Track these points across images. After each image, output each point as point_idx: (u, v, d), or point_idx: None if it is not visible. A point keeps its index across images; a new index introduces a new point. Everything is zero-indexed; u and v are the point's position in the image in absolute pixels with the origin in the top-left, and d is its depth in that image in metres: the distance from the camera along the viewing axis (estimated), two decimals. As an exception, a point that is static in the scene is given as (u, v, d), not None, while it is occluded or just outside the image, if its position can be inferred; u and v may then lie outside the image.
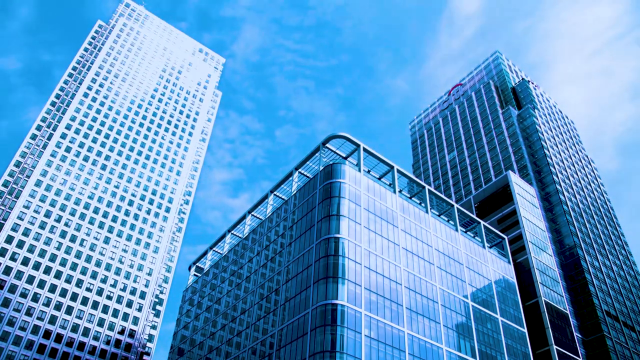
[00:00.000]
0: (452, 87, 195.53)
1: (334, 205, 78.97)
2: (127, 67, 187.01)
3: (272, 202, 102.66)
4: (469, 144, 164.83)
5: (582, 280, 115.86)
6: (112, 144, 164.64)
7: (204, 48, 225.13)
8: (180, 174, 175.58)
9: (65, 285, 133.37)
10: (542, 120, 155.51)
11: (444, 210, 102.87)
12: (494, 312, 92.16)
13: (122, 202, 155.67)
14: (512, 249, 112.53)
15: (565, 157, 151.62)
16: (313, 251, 76.76)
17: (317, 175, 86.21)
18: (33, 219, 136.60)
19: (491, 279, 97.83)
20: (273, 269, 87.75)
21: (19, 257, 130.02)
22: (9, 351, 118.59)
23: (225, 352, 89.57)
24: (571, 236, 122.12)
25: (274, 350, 75.20)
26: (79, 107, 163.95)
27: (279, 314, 78.74)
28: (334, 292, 69.41)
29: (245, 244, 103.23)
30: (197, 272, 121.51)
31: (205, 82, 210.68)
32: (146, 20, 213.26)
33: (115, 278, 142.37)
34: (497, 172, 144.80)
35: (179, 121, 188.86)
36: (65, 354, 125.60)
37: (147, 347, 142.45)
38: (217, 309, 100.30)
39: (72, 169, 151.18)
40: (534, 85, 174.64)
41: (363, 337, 67.58)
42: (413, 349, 72.97)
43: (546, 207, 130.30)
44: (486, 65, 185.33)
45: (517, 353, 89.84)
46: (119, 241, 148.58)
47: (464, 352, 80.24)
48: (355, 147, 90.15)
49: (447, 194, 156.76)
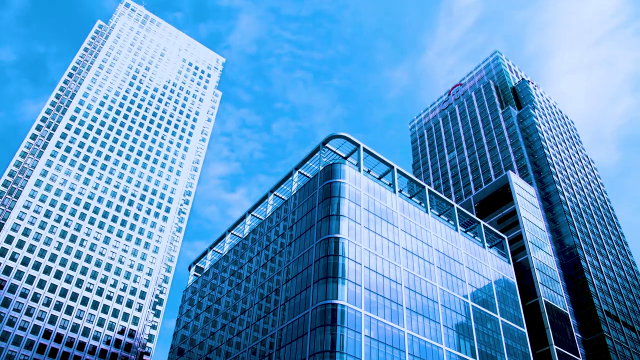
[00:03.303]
0: (452, 87, 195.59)
1: (334, 205, 78.99)
2: (127, 67, 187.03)
3: (272, 202, 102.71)
4: (469, 144, 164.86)
5: (582, 280, 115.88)
6: (112, 144, 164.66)
7: (204, 48, 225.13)
8: (180, 174, 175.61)
9: (65, 285, 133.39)
10: (542, 120, 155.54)
11: (444, 210, 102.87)
12: (494, 312, 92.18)
13: (122, 202, 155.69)
14: (512, 249, 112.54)
15: (565, 157, 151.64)
16: (313, 251, 76.78)
17: (317, 175, 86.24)
18: (33, 219, 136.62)
19: (491, 279, 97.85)
20: (273, 269, 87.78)
21: (19, 257, 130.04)
22: (9, 351, 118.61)
23: (225, 352, 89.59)
24: (571, 236, 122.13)
25: (274, 350, 75.21)
26: (79, 107, 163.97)
27: (279, 314, 78.77)
28: (334, 292, 69.42)
29: (245, 244, 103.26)
30: (197, 272, 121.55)
31: (205, 82, 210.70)
32: (146, 20, 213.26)
33: (115, 278, 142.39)
34: (497, 172, 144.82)
35: (179, 121, 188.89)
36: (65, 354, 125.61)
37: (147, 347, 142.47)
38: (217, 309, 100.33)
39: (72, 169, 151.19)
40: (534, 85, 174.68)
41: (363, 337, 67.60)
42: (413, 349, 72.98)
43: (546, 207, 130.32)
44: (486, 65, 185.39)
45: (517, 353, 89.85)
46: (119, 241, 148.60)
47: (464, 352, 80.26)
48: (355, 147, 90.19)
49: (447, 194, 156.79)
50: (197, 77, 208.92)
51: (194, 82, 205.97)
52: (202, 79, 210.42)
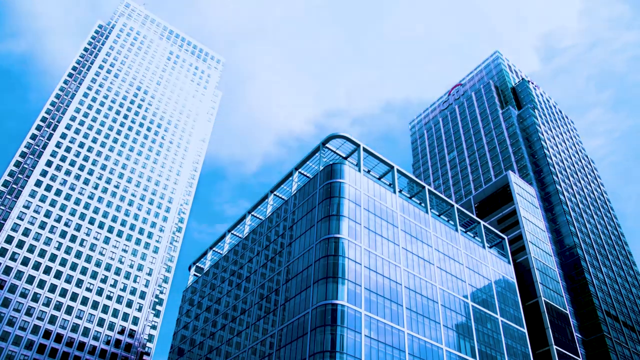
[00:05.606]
0: (452, 87, 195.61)
1: (334, 206, 78.99)
2: (127, 67, 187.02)
3: (272, 202, 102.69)
4: (469, 144, 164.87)
5: (582, 280, 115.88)
6: (112, 144, 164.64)
7: (204, 48, 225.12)
8: (180, 174, 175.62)
9: (65, 285, 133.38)
10: (542, 120, 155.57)
11: (444, 210, 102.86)
12: (494, 312, 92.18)
13: (122, 202, 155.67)
14: (512, 249, 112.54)
15: (565, 157, 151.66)
16: (313, 251, 76.78)
17: (317, 175, 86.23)
18: (33, 219, 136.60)
19: (491, 279, 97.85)
20: (273, 269, 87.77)
21: (19, 257, 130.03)
22: (9, 351, 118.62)
23: (225, 352, 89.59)
24: (571, 236, 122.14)
25: (274, 350, 75.21)
26: (79, 107, 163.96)
27: (279, 314, 78.76)
28: (334, 292, 69.42)
29: (245, 244, 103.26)
30: (197, 272, 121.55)
31: (205, 82, 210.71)
32: (146, 20, 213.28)
33: (115, 278, 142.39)
34: (497, 172, 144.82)
35: (179, 121, 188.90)
36: (65, 354, 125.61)
37: (147, 347, 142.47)
38: (217, 309, 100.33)
39: (72, 169, 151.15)
40: (533, 85, 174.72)
41: (363, 337, 67.60)
42: (413, 349, 72.99)
43: (546, 207, 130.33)
44: (486, 65, 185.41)
45: (517, 353, 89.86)
46: (119, 241, 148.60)
47: (464, 352, 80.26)
48: (355, 147, 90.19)
49: (447, 194, 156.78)
50: (197, 77, 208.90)
51: (194, 82, 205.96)
52: (202, 79, 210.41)
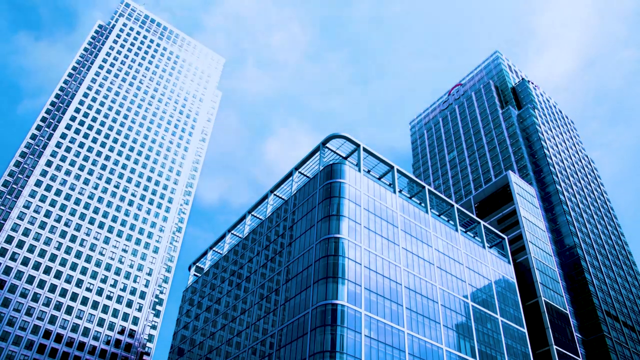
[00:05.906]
0: (452, 87, 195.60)
1: (334, 206, 78.99)
2: (127, 67, 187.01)
3: (272, 202, 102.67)
4: (469, 144, 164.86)
5: (582, 280, 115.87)
6: (112, 144, 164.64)
7: (204, 48, 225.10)
8: (180, 174, 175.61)
9: (65, 285, 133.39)
10: (542, 120, 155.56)
11: (444, 210, 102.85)
12: (494, 312, 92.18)
13: (122, 202, 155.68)
14: (512, 249, 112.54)
15: (565, 157, 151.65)
16: (313, 251, 76.77)
17: (317, 175, 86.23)
18: (33, 219, 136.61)
19: (491, 279, 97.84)
20: (273, 269, 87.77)
21: (19, 257, 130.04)
22: (9, 351, 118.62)
23: (225, 352, 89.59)
24: (571, 236, 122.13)
25: (274, 350, 75.21)
26: (79, 107, 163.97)
27: (279, 314, 78.76)
28: (334, 292, 69.42)
29: (245, 244, 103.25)
30: (197, 272, 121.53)
31: (206, 82, 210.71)
32: (146, 20, 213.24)
33: (115, 278, 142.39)
34: (497, 172, 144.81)
35: (179, 121, 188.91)
36: (65, 354, 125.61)
37: (147, 347, 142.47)
38: (217, 309, 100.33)
39: (72, 169, 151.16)
40: (533, 85, 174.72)
41: (363, 337, 67.60)
42: (413, 349, 72.98)
43: (546, 207, 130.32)
44: (486, 65, 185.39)
45: (517, 353, 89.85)
46: (119, 241, 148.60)
47: (464, 352, 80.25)
48: (355, 147, 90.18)
49: (447, 194, 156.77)
50: (197, 77, 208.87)
51: (194, 82, 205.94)
52: (202, 79, 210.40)
